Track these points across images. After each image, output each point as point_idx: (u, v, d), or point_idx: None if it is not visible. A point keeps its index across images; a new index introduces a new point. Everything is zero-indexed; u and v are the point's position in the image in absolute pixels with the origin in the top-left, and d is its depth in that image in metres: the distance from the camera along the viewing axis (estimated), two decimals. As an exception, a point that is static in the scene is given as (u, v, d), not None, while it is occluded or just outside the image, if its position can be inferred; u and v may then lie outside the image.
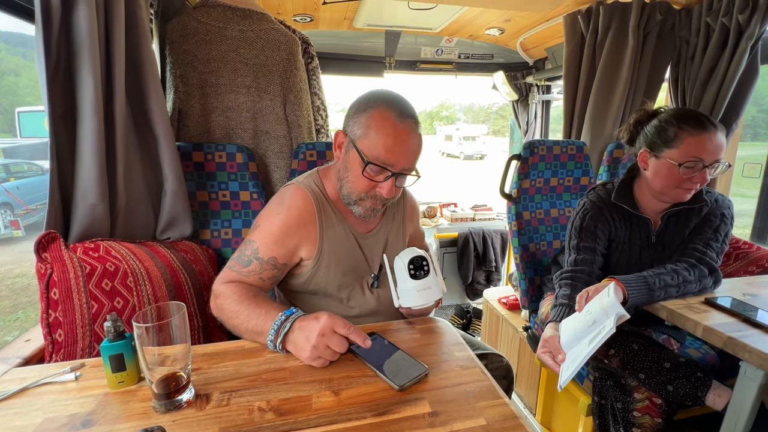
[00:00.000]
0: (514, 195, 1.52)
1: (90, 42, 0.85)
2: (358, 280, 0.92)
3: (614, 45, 1.63)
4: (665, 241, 1.09)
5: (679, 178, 0.97)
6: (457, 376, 0.65)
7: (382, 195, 0.81)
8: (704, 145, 0.94)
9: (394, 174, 0.79)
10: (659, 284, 0.90)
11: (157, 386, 0.57)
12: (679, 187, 0.98)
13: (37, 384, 0.63)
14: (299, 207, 0.85)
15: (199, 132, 1.31)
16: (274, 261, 0.83)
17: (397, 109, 0.78)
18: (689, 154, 0.95)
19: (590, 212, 1.12)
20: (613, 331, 0.77)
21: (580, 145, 1.57)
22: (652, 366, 0.93)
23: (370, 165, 0.77)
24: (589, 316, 0.84)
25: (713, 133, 0.94)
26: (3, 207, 5.67)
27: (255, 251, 0.83)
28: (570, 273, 1.05)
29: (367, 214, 0.85)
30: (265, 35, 1.31)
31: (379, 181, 0.79)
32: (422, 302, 0.79)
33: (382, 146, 0.76)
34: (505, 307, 1.78)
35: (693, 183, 0.97)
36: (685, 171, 0.95)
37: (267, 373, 0.66)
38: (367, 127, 0.78)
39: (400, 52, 2.39)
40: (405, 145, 0.77)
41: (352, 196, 0.83)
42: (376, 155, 0.77)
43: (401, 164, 0.78)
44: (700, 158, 0.94)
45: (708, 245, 1.00)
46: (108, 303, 0.85)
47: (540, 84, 2.55)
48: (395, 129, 0.76)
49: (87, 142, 0.88)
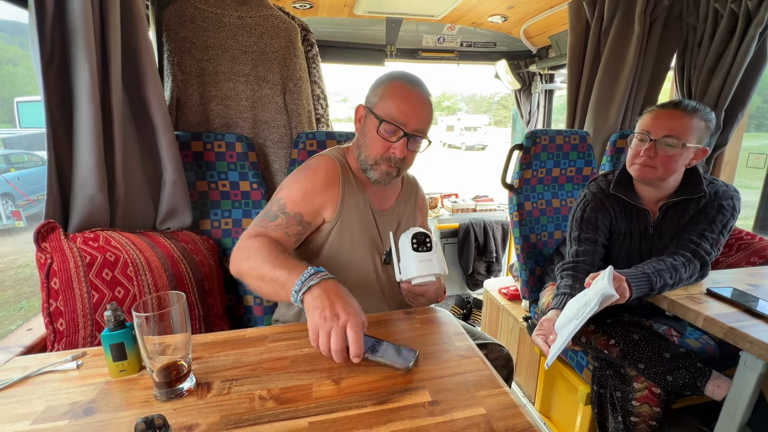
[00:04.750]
0: (516, 185, 1.51)
1: (84, 28, 0.83)
2: (371, 254, 0.94)
3: (619, 32, 1.60)
4: (662, 232, 1.08)
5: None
6: (457, 366, 0.65)
7: (396, 156, 0.86)
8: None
9: (406, 134, 0.85)
10: (659, 283, 0.90)
11: (158, 375, 0.57)
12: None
13: (39, 372, 0.63)
14: (326, 169, 0.90)
15: (197, 121, 1.29)
16: (299, 217, 0.86)
17: (409, 80, 0.88)
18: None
19: (591, 203, 1.11)
20: (596, 309, 0.78)
21: (583, 135, 1.56)
22: (652, 356, 0.94)
23: (384, 123, 0.84)
24: (582, 299, 0.84)
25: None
26: (4, 198, 5.68)
27: (282, 207, 0.86)
28: (572, 264, 1.04)
29: (382, 179, 0.89)
30: (264, 22, 1.28)
31: (392, 141, 0.86)
32: (422, 273, 0.78)
33: (394, 107, 0.85)
34: (506, 297, 1.78)
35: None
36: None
37: (267, 362, 0.66)
38: (382, 94, 0.87)
39: (402, 40, 2.35)
40: (416, 107, 0.86)
41: (369, 160, 0.89)
42: (390, 114, 0.85)
43: (413, 125, 0.85)
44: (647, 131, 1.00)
45: (702, 236, 1.00)
46: (109, 292, 0.85)
47: (543, 73, 2.52)
48: (407, 93, 0.86)
49: (84, 130, 0.87)
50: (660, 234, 1.07)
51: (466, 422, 0.52)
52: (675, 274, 0.92)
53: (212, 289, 1.11)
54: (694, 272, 0.95)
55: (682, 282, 0.93)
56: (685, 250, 0.97)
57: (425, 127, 0.88)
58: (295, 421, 0.53)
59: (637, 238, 1.09)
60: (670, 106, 0.99)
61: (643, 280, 0.90)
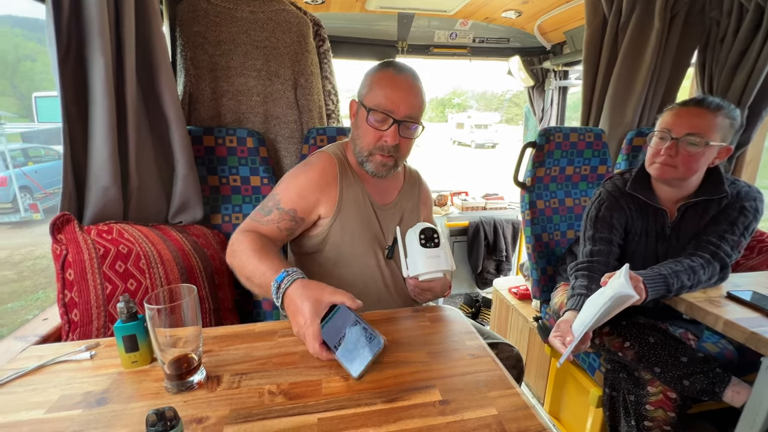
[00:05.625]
0: (528, 183, 1.48)
1: (99, 21, 0.84)
2: (373, 249, 0.93)
3: (638, 27, 1.55)
4: (680, 233, 1.05)
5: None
6: (468, 365, 0.64)
7: (388, 144, 0.85)
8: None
9: (396, 121, 0.84)
10: (676, 285, 0.87)
11: (169, 367, 0.58)
12: None
13: (54, 362, 0.64)
14: (323, 166, 0.91)
15: (209, 116, 1.30)
16: (293, 212, 0.87)
17: (396, 68, 0.87)
18: None
19: (606, 202, 1.09)
20: (608, 305, 0.76)
21: (598, 133, 1.52)
22: (669, 360, 0.91)
23: (373, 112, 0.84)
24: (600, 298, 0.82)
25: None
26: (23, 191, 5.83)
27: (277, 202, 0.88)
28: (586, 264, 1.02)
29: (378, 170, 0.89)
30: (276, 16, 1.28)
31: (383, 130, 0.85)
32: (429, 269, 0.78)
33: (382, 95, 0.84)
34: (516, 296, 1.76)
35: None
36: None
37: (277, 357, 0.66)
38: (370, 84, 0.88)
39: (413, 36, 2.32)
40: (403, 93, 0.85)
41: (363, 151, 0.89)
42: (378, 103, 0.84)
43: (402, 111, 0.84)
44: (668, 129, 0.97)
45: (722, 238, 0.96)
46: (121, 284, 0.86)
47: (557, 69, 2.47)
48: (393, 80, 0.85)
49: (98, 123, 0.88)
50: (678, 235, 1.04)
51: (477, 423, 0.52)
52: (693, 276, 0.89)
53: (222, 283, 1.12)
54: (713, 274, 0.92)
55: (700, 284, 0.91)
56: (704, 252, 0.95)
57: (416, 113, 0.87)
58: (304, 417, 0.52)
59: (654, 238, 1.07)
60: (692, 104, 0.96)
61: (660, 281, 0.87)
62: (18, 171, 6.32)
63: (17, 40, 9.33)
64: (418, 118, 0.89)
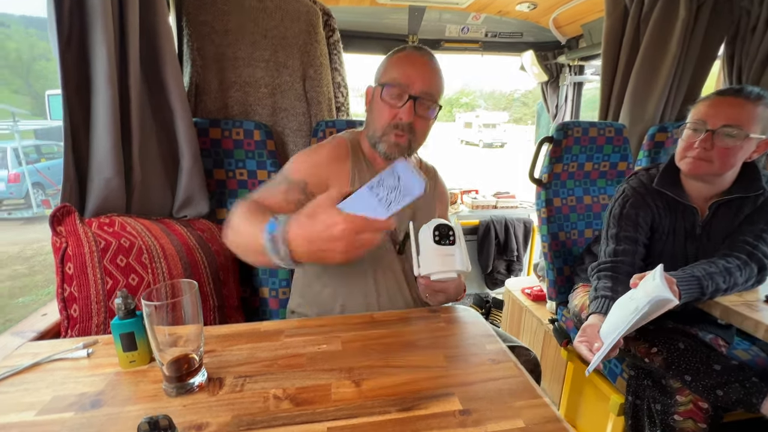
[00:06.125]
0: (545, 180, 1.42)
1: (102, 9, 0.80)
2: (384, 242, 0.89)
3: (662, 17, 1.48)
4: (712, 232, 0.98)
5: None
6: (488, 371, 0.59)
7: (403, 121, 0.81)
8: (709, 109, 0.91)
9: (411, 97, 0.80)
10: (711, 287, 0.81)
11: (168, 368, 0.54)
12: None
13: (49, 359, 0.61)
14: (334, 145, 0.89)
15: (216, 108, 1.26)
16: (303, 184, 0.83)
17: (415, 48, 0.85)
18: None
19: (631, 199, 1.03)
20: (645, 309, 0.70)
21: (619, 128, 1.45)
22: (700, 368, 0.85)
23: (387, 87, 0.80)
24: (632, 303, 0.76)
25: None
26: (36, 187, 5.91)
27: (286, 175, 0.84)
28: (610, 264, 0.96)
29: (391, 151, 0.84)
30: (285, 5, 1.24)
31: (398, 106, 0.81)
32: (443, 269, 0.72)
33: (397, 71, 0.81)
34: (529, 297, 1.70)
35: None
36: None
37: (283, 359, 0.62)
38: (386, 65, 0.85)
39: (424, 30, 2.27)
40: (420, 67, 0.81)
41: (377, 132, 0.85)
42: (393, 78, 0.81)
43: (418, 86, 0.80)
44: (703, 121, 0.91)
45: (760, 238, 0.90)
46: (123, 279, 0.82)
47: (573, 64, 2.39)
48: (410, 56, 0.83)
49: (101, 113, 0.85)
50: (709, 234, 0.98)
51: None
52: (729, 278, 0.83)
53: (227, 280, 1.08)
54: (750, 276, 0.86)
55: (737, 287, 0.84)
56: (740, 252, 0.88)
57: (433, 90, 0.82)
58: (312, 426, 0.48)
59: (682, 237, 1.00)
60: (730, 93, 0.90)
61: (693, 283, 0.81)
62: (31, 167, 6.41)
63: (32, 40, 9.49)
64: (436, 97, 0.84)
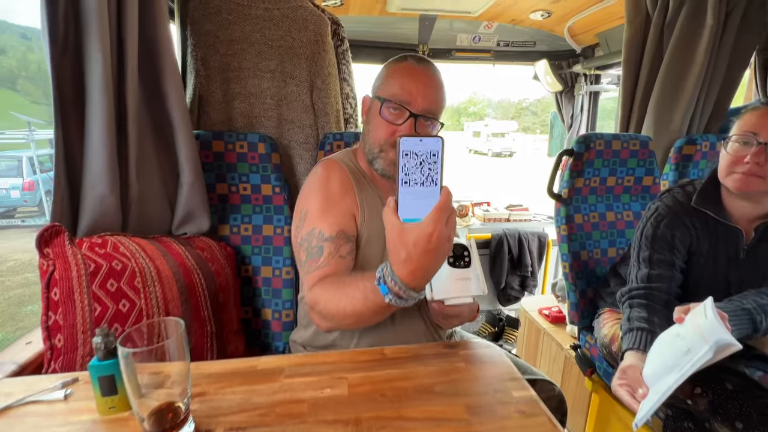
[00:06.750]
0: (565, 195, 1.34)
1: (99, 14, 0.76)
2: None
3: (688, 25, 1.40)
4: (758, 258, 0.89)
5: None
6: (518, 427, 0.51)
7: None
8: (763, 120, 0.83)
9: (413, 115, 0.75)
10: (765, 322, 0.72)
11: (149, 421, 0.47)
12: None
13: (21, 403, 0.55)
14: (334, 175, 0.83)
15: (220, 120, 1.22)
16: (343, 234, 0.77)
17: (416, 59, 0.79)
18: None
19: (666, 219, 0.94)
20: (709, 356, 0.61)
21: (645, 140, 1.37)
22: (753, 413, 0.75)
23: (387, 103, 0.76)
24: (680, 342, 0.67)
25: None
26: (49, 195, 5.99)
27: (320, 235, 0.76)
28: (643, 291, 0.87)
29: (389, 170, 0.80)
30: (292, 14, 1.20)
31: (398, 124, 0.77)
32: (458, 294, 0.65)
33: (398, 86, 0.77)
34: (548, 319, 1.60)
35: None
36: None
37: (281, 406, 0.54)
38: (385, 76, 0.80)
39: (435, 39, 2.23)
40: (422, 84, 0.76)
41: (375, 148, 0.80)
42: (393, 94, 0.77)
43: (419, 103, 0.76)
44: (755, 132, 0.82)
45: None
46: (113, 305, 0.76)
47: (589, 74, 2.32)
48: (412, 70, 0.78)
49: (96, 125, 0.80)
50: (755, 260, 0.89)
51: None
52: None
53: (227, 302, 1.02)
54: None
55: None
56: None
57: (435, 108, 0.78)
58: (312, 500, 0.40)
59: (724, 262, 0.91)
60: None
61: (744, 317, 0.72)
62: (45, 176, 6.50)
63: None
64: (438, 114, 0.79)
